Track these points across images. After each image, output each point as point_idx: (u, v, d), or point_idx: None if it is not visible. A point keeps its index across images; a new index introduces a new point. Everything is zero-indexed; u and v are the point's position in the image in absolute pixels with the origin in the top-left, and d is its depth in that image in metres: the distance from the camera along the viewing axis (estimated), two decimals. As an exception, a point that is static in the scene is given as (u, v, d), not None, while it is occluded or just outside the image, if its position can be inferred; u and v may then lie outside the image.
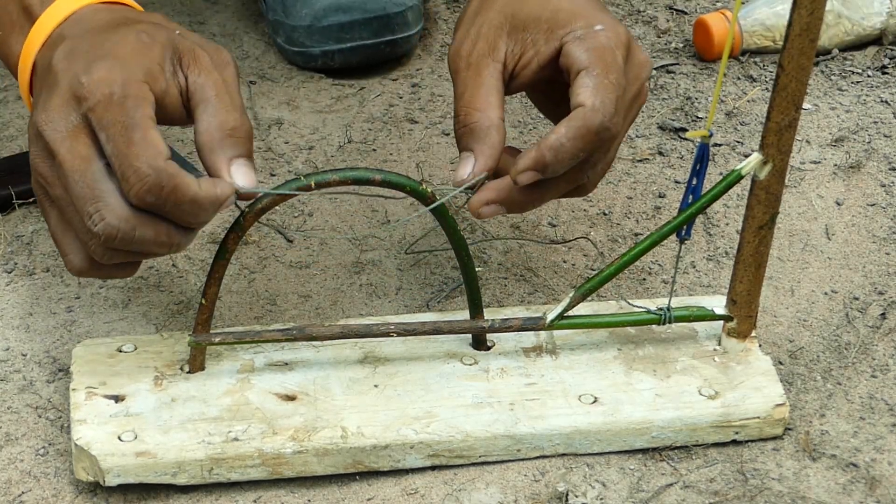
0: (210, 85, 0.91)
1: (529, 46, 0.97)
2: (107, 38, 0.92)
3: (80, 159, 0.89)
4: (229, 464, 0.94)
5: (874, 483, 0.98)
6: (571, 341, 1.04)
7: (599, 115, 0.92)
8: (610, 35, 0.95)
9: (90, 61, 0.89)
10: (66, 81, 0.89)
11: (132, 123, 0.88)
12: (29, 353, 1.05)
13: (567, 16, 0.96)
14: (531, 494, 0.96)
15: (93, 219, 0.89)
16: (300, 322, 1.08)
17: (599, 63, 0.94)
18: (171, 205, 0.88)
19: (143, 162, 0.87)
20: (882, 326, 1.10)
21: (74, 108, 0.89)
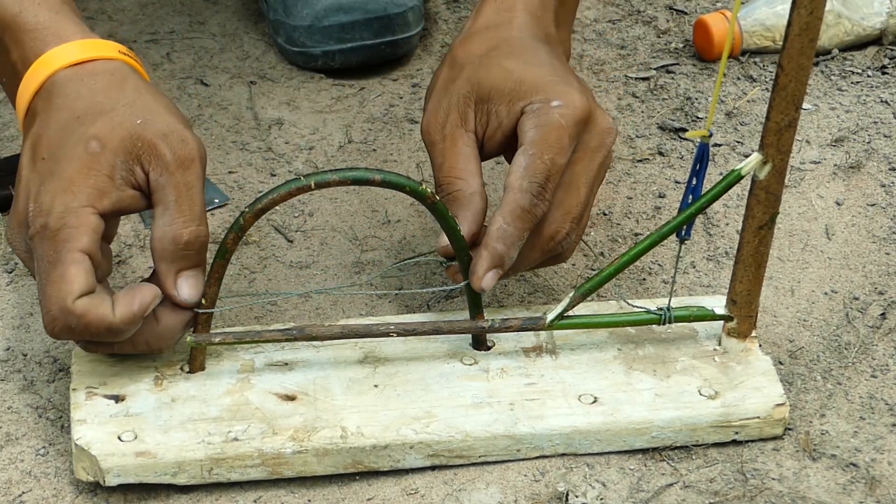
0: (171, 188, 0.93)
1: (493, 117, 0.99)
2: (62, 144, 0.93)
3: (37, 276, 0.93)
4: (229, 464, 0.94)
5: (874, 483, 0.98)
6: (571, 341, 1.04)
7: (528, 196, 0.96)
8: (564, 112, 0.97)
9: (42, 179, 0.92)
10: (22, 200, 0.93)
11: (56, 259, 0.91)
12: (29, 353, 1.05)
13: (528, 88, 0.98)
14: (531, 494, 0.96)
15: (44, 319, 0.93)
16: (300, 322, 1.08)
17: (539, 142, 0.96)
18: (89, 335, 0.92)
19: (53, 303, 0.91)
20: (882, 326, 1.10)
21: (24, 230, 0.93)
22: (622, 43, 1.41)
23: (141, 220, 1.17)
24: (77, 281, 0.90)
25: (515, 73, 0.99)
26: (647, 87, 1.35)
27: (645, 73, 1.37)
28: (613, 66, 1.38)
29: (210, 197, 1.19)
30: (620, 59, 1.39)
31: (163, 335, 0.95)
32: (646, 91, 1.35)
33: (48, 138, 0.94)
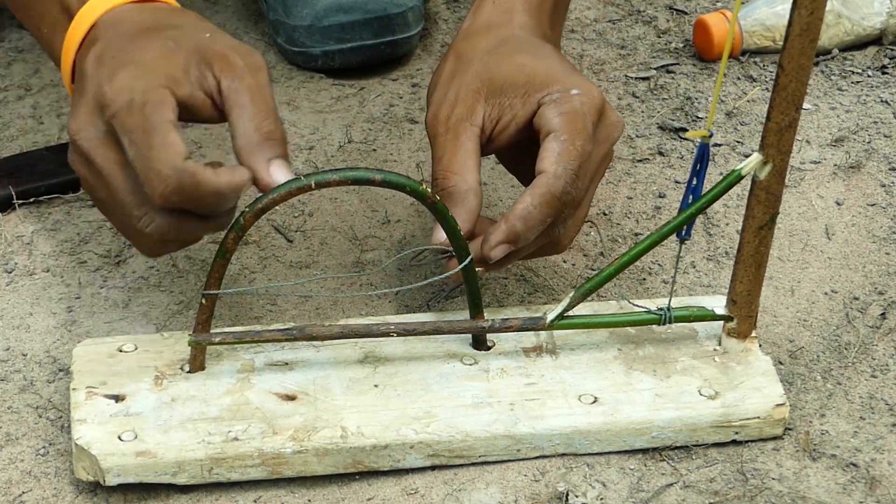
0: (244, 90, 0.93)
1: (507, 110, 0.99)
2: (134, 44, 0.94)
3: (116, 165, 0.92)
4: (229, 464, 0.94)
5: (874, 483, 0.98)
6: (571, 341, 1.04)
7: (562, 182, 0.96)
8: (584, 100, 0.97)
9: (115, 69, 0.92)
10: (92, 89, 0.92)
11: (151, 127, 0.89)
12: (29, 353, 1.05)
13: (543, 79, 0.99)
14: (531, 494, 0.96)
15: (142, 221, 0.92)
16: (300, 322, 1.08)
17: (568, 128, 0.97)
18: (196, 200, 0.90)
19: (163, 164, 0.89)
20: (882, 326, 1.10)
21: (100, 115, 0.92)
22: (622, 43, 1.41)
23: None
24: (181, 143, 0.90)
25: (528, 66, 0.99)
26: (647, 87, 1.35)
27: (645, 73, 1.37)
28: (613, 66, 1.38)
29: (210, 197, 1.19)
30: (620, 59, 1.39)
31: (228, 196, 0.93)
32: (646, 91, 1.35)
33: (116, 46, 0.94)
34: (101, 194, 0.94)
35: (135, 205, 0.92)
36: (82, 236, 1.16)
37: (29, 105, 1.30)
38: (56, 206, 1.19)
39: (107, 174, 0.92)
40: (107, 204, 0.95)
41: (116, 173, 0.92)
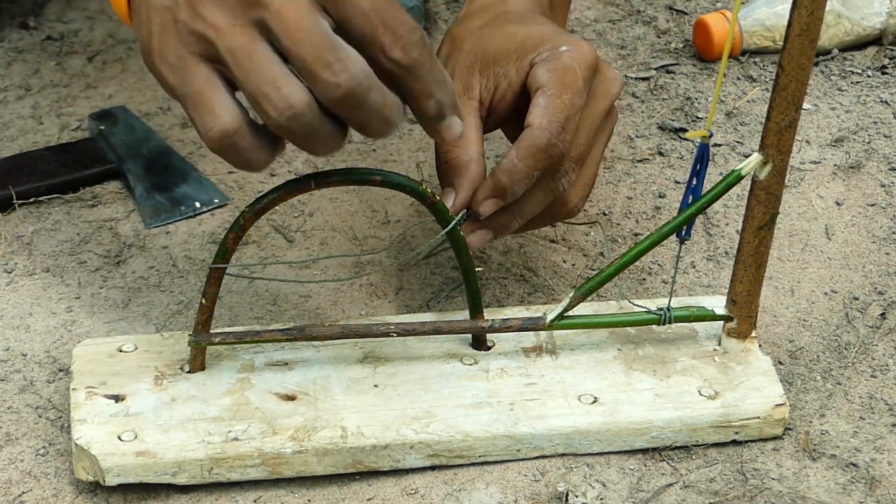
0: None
1: (502, 78, 0.99)
2: None
3: (307, 8, 0.82)
4: (229, 464, 0.94)
5: (874, 483, 0.98)
6: (571, 341, 1.04)
7: (546, 134, 0.95)
8: (574, 55, 0.97)
9: None
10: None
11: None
12: (29, 353, 1.05)
13: (535, 42, 0.99)
14: (531, 494, 0.96)
15: (333, 68, 0.82)
16: (300, 322, 1.08)
17: (556, 83, 0.96)
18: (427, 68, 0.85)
19: (408, 17, 0.83)
20: (882, 326, 1.10)
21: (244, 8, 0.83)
22: (622, 43, 1.41)
23: (141, 220, 1.17)
24: None
25: (519, 33, 0.99)
26: (647, 87, 1.35)
27: (645, 73, 1.37)
28: (613, 66, 1.38)
29: (210, 197, 1.19)
30: (620, 59, 1.39)
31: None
32: (646, 91, 1.35)
33: None
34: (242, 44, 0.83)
35: (329, 48, 0.82)
36: (82, 236, 1.16)
37: (29, 105, 1.30)
38: (56, 206, 1.19)
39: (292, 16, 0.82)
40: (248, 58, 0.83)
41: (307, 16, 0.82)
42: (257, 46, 0.83)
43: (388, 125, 0.85)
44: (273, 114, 0.83)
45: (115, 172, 1.22)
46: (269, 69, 0.83)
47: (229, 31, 0.84)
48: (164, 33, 0.86)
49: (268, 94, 0.83)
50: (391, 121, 0.85)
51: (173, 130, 1.27)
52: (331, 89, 0.82)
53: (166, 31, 0.86)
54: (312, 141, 0.85)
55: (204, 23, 0.84)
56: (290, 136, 0.85)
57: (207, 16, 0.84)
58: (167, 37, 0.86)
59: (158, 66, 0.86)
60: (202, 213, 1.19)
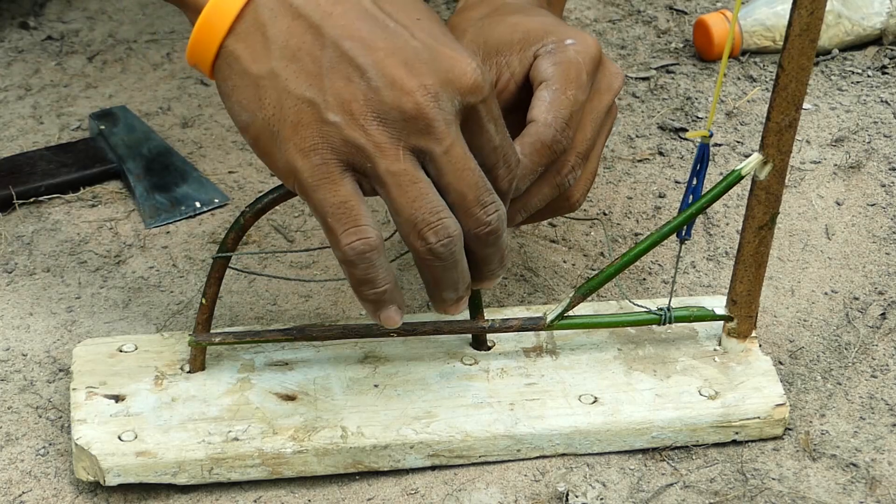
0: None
1: (505, 69, 0.98)
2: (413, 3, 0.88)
3: (466, 149, 0.86)
4: (229, 463, 0.94)
5: (874, 483, 0.98)
6: (571, 341, 1.04)
7: (552, 130, 0.95)
8: (579, 49, 0.97)
9: (446, 42, 0.86)
10: (434, 59, 0.85)
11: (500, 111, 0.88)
12: (29, 353, 1.05)
13: (538, 33, 0.98)
14: (531, 494, 0.96)
15: (487, 208, 0.87)
16: (300, 322, 1.08)
17: (561, 78, 0.96)
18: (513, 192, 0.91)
19: (516, 150, 0.90)
20: (882, 326, 1.10)
21: (457, 93, 0.85)
22: (622, 43, 1.41)
23: (141, 220, 1.18)
24: None
25: (522, 24, 0.99)
26: (647, 87, 1.35)
27: (645, 73, 1.37)
28: (613, 66, 1.38)
29: (210, 197, 1.19)
30: (620, 59, 1.39)
31: None
32: (646, 91, 1.35)
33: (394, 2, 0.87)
34: (406, 168, 0.85)
35: (486, 189, 0.87)
36: (82, 236, 1.16)
37: (29, 105, 1.30)
38: (56, 206, 1.19)
39: (458, 155, 0.85)
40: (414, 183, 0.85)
41: (470, 156, 0.86)
42: (420, 174, 0.85)
43: (502, 269, 0.91)
44: (432, 240, 0.86)
45: (115, 172, 1.22)
46: (432, 198, 0.85)
47: (393, 152, 0.84)
48: (304, 127, 0.85)
49: (430, 221, 0.85)
50: (505, 265, 0.91)
51: (173, 130, 1.27)
52: (482, 226, 0.87)
53: (307, 126, 0.84)
54: (451, 272, 0.88)
55: (365, 136, 0.84)
56: (436, 264, 0.88)
57: (371, 130, 0.84)
58: (309, 132, 0.84)
59: (293, 158, 0.85)
60: (202, 213, 1.19)
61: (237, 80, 0.86)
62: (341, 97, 0.84)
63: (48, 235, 1.15)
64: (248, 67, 0.86)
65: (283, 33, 0.85)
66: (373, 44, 0.84)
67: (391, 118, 0.84)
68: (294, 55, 0.85)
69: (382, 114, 0.84)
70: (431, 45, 0.85)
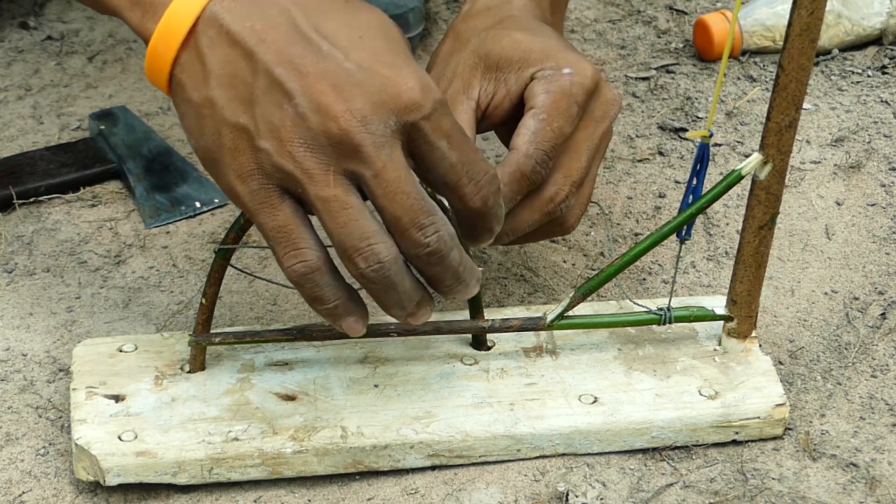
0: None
1: (502, 85, 0.99)
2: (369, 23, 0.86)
3: (404, 170, 0.84)
4: (229, 463, 0.94)
5: (874, 483, 0.98)
6: (571, 341, 1.04)
7: (532, 162, 0.95)
8: (574, 79, 0.97)
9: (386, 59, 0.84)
10: (370, 80, 0.83)
11: (461, 128, 0.86)
12: (29, 353, 1.05)
13: (538, 55, 0.98)
14: (531, 494, 0.96)
15: (425, 230, 0.85)
16: (300, 322, 1.08)
17: (550, 108, 0.96)
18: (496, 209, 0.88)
19: (488, 166, 0.87)
20: (882, 326, 1.10)
21: (393, 113, 0.83)
22: (622, 43, 1.41)
23: (141, 220, 1.17)
24: None
25: (524, 42, 0.99)
26: (647, 87, 1.35)
27: (645, 73, 1.37)
28: (613, 66, 1.38)
29: (210, 197, 1.19)
30: (620, 59, 1.39)
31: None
32: (646, 91, 1.35)
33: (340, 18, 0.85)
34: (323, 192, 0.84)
35: (424, 212, 0.84)
36: (82, 236, 1.16)
37: (29, 105, 1.30)
38: (56, 206, 1.19)
39: (391, 178, 0.83)
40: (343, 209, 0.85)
41: (405, 178, 0.84)
42: (350, 199, 0.84)
43: (460, 285, 0.88)
44: (362, 266, 0.85)
45: (115, 172, 1.22)
46: (361, 223, 0.84)
47: (322, 178, 0.84)
48: (241, 153, 0.85)
49: (359, 247, 0.85)
50: (463, 281, 0.88)
51: (173, 130, 1.27)
52: (419, 248, 0.85)
53: (243, 153, 0.85)
54: (390, 293, 0.87)
55: (293, 163, 0.84)
56: (371, 287, 0.87)
57: (299, 156, 0.83)
58: (245, 158, 0.85)
59: (234, 183, 0.85)
60: (202, 213, 1.19)
61: (184, 107, 0.87)
62: (272, 124, 0.83)
63: (48, 235, 1.15)
64: (191, 96, 0.86)
65: (219, 62, 0.85)
66: (303, 68, 0.83)
67: (319, 144, 0.83)
68: (230, 82, 0.84)
69: (310, 140, 0.83)
70: (368, 66, 0.84)
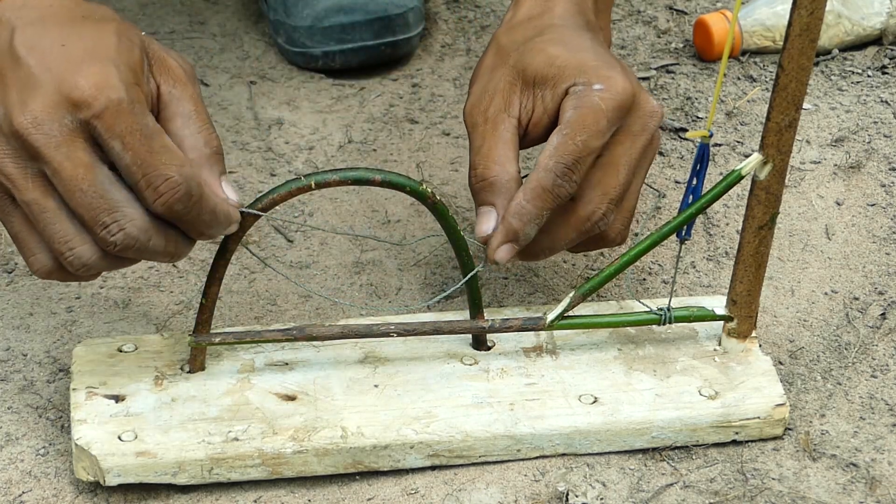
0: (187, 99, 0.90)
1: (539, 102, 0.99)
2: (80, 33, 0.87)
3: (84, 167, 0.85)
4: (229, 464, 0.94)
5: (874, 483, 0.98)
6: (571, 341, 1.04)
7: (552, 176, 0.95)
8: (605, 95, 0.96)
9: (76, 61, 0.85)
10: (50, 81, 0.85)
11: (149, 131, 0.86)
12: (29, 353, 1.05)
13: (572, 71, 0.98)
14: (531, 494, 0.96)
15: (109, 229, 0.86)
16: (300, 322, 1.08)
17: (575, 123, 0.96)
18: (194, 214, 0.88)
19: (173, 170, 0.86)
20: (882, 326, 1.10)
21: (68, 111, 0.85)
22: (622, 43, 1.41)
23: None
24: (178, 149, 0.88)
25: (560, 58, 0.98)
26: (647, 87, 1.35)
27: (645, 73, 1.37)
28: (613, 66, 1.38)
29: (210, 197, 1.19)
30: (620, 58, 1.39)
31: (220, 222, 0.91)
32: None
33: (56, 32, 0.87)
34: (27, 196, 0.86)
35: (104, 209, 0.86)
36: (82, 236, 1.15)
37: (29, 105, 1.30)
38: (56, 206, 1.19)
39: (68, 176, 0.85)
40: (30, 206, 0.87)
41: (83, 175, 0.85)
42: (48, 202, 0.87)
43: (169, 259, 0.91)
44: (71, 270, 0.89)
45: (115, 172, 1.21)
46: (59, 226, 0.87)
47: (22, 183, 0.87)
48: None
49: (60, 250, 0.88)
50: (177, 257, 0.91)
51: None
52: (108, 247, 0.87)
53: None
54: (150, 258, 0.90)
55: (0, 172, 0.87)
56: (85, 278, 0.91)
57: (1, 165, 0.86)
58: None
59: None
60: (202, 213, 1.19)
61: None
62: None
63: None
64: None
65: None
66: (4, 79, 0.86)
67: (13, 148, 0.85)
68: None
69: (6, 146, 0.86)
70: (53, 69, 0.85)
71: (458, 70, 1.36)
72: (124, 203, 0.86)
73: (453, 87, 1.34)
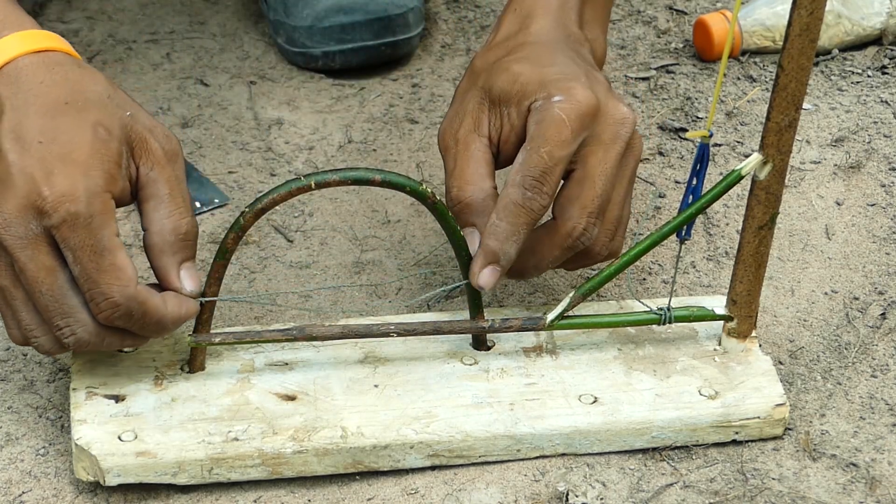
0: (163, 181, 0.93)
1: (506, 120, 0.99)
2: (59, 126, 0.90)
3: (45, 271, 0.89)
4: (229, 464, 0.94)
5: (874, 483, 0.98)
6: (571, 341, 1.04)
7: (520, 190, 0.95)
8: (564, 106, 0.96)
9: (48, 163, 0.88)
10: (22, 185, 0.88)
11: (101, 247, 0.89)
12: (29, 353, 1.05)
13: (534, 87, 0.98)
14: (531, 494, 0.96)
15: (62, 332, 0.91)
16: (300, 322, 1.08)
17: (538, 137, 0.96)
18: (138, 326, 0.92)
19: (114, 291, 0.89)
20: (882, 326, 1.10)
21: (34, 217, 0.88)
22: (622, 43, 1.41)
23: (141, 220, 1.17)
24: (130, 268, 0.90)
25: (523, 75, 0.99)
26: (647, 87, 1.35)
27: (645, 73, 1.37)
28: (613, 66, 1.38)
29: (210, 197, 1.19)
30: (620, 59, 1.39)
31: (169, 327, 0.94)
32: (646, 91, 1.35)
33: (37, 123, 0.90)
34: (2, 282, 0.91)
35: (58, 313, 0.90)
36: (82, 236, 1.15)
37: (29, 105, 1.30)
38: (56, 206, 1.19)
39: (31, 278, 0.89)
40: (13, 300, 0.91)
41: (43, 279, 0.89)
42: (18, 292, 0.91)
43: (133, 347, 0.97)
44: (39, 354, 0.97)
45: (115, 172, 1.21)
46: (24, 315, 0.92)
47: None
48: None
49: (26, 336, 0.93)
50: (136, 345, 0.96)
51: (173, 130, 1.27)
52: (62, 347, 0.92)
53: None
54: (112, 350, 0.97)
55: None
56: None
57: None
58: None
59: None
60: (202, 213, 1.19)
61: None
62: None
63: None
64: None
65: None
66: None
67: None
68: None
69: None
70: (29, 169, 0.88)
71: (458, 70, 1.36)
72: (78, 309, 0.91)
73: (453, 87, 1.34)
